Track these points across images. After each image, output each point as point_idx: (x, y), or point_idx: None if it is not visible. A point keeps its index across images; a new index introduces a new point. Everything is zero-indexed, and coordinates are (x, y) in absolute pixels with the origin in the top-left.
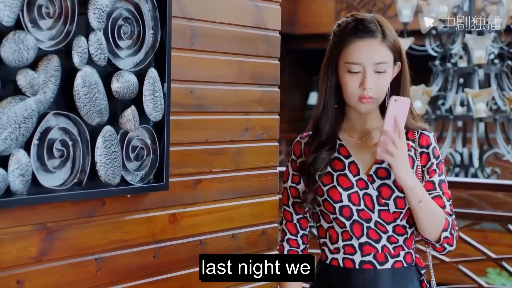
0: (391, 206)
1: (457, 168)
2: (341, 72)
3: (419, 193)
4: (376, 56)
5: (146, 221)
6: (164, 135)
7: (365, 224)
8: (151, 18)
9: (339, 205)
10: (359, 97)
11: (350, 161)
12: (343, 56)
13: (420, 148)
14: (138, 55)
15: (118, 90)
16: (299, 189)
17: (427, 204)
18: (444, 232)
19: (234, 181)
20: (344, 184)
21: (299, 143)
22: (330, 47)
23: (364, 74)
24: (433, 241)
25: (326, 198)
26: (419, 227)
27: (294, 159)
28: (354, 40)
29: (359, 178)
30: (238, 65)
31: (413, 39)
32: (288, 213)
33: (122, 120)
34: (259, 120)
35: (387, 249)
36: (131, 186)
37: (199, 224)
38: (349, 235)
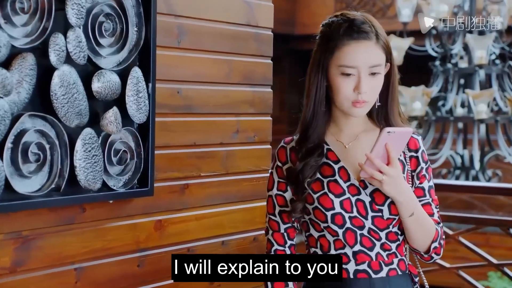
0: (385, 212)
1: (457, 171)
2: (332, 75)
3: (411, 206)
4: (372, 59)
5: (130, 228)
6: (149, 137)
7: (358, 232)
8: (135, 15)
9: (331, 212)
10: (353, 102)
11: (339, 167)
12: (336, 58)
13: (409, 152)
14: (120, 53)
15: (99, 90)
16: (286, 197)
17: (419, 217)
18: (434, 243)
19: (224, 186)
20: (336, 191)
21: (284, 148)
22: (319, 48)
23: (359, 77)
24: (422, 251)
25: (317, 205)
26: (409, 238)
27: (280, 165)
28: (349, 42)
29: (350, 184)
30: (228, 64)
31: (413, 39)
32: (275, 223)
33: (104, 122)
34: (251, 122)
35: (381, 256)
36: (113, 191)
37: (186, 231)
38: (341, 243)
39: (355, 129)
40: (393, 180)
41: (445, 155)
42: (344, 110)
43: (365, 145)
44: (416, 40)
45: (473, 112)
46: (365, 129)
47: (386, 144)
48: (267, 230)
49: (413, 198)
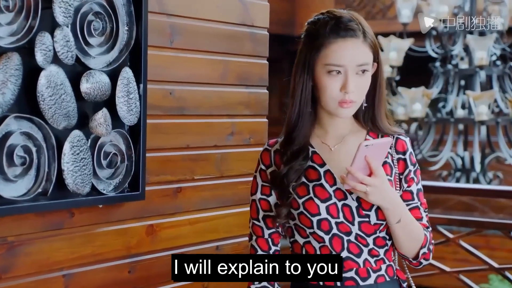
0: (372, 218)
1: (458, 173)
2: (319, 74)
3: (398, 213)
4: (359, 57)
5: (121, 233)
6: (140, 140)
7: (345, 238)
8: (126, 13)
9: (317, 218)
10: (339, 102)
11: (325, 170)
12: (323, 57)
13: (397, 154)
14: (110, 53)
15: (88, 91)
16: (270, 201)
17: (407, 223)
18: (422, 248)
19: (218, 189)
20: (321, 196)
21: (268, 151)
22: (304, 47)
23: (346, 76)
24: (410, 257)
25: (302, 211)
26: (397, 244)
27: (263, 169)
28: (335, 40)
29: (337, 188)
30: (223, 65)
31: (412, 40)
32: (259, 228)
33: (93, 124)
34: (246, 124)
35: (368, 263)
36: (103, 195)
37: (179, 236)
38: (328, 250)
39: (341, 131)
40: (377, 190)
41: (445, 157)
42: (330, 111)
43: (351, 148)
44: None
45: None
46: (352, 131)
47: (365, 156)
48: (250, 235)
49: (400, 204)
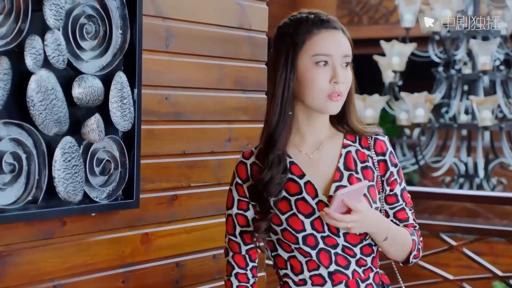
0: None
1: (461, 179)
2: (305, 68)
3: (383, 232)
4: (343, 48)
5: (114, 242)
6: (134, 146)
7: (332, 251)
8: (120, 17)
9: (302, 234)
10: (329, 94)
11: (305, 182)
12: (308, 48)
13: (377, 156)
14: (104, 57)
15: (80, 97)
16: (248, 216)
17: (393, 238)
18: (412, 252)
19: (215, 197)
20: (305, 211)
21: (244, 164)
22: (284, 45)
23: (334, 66)
24: (401, 262)
25: (286, 227)
26: (386, 254)
27: (239, 182)
28: (319, 31)
29: (319, 201)
30: (220, 69)
31: (415, 45)
32: (235, 244)
33: (85, 130)
34: (243, 130)
35: (357, 274)
36: (95, 203)
37: (175, 245)
38: (315, 264)
39: (319, 136)
40: (359, 223)
41: (448, 163)
42: (317, 107)
43: (330, 154)
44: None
45: (477, 119)
46: (328, 135)
47: (343, 200)
48: (226, 251)
49: (384, 224)
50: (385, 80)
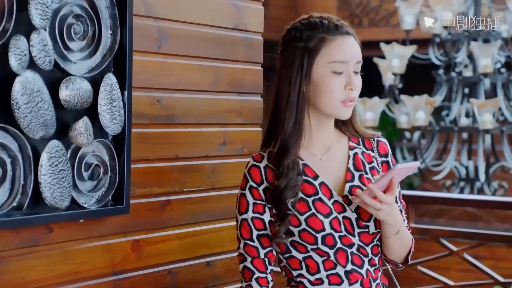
0: (371, 228)
1: (462, 182)
2: (321, 75)
3: (397, 226)
4: (357, 54)
5: (104, 249)
6: (125, 150)
7: (349, 250)
8: (109, 16)
9: (322, 234)
10: (343, 100)
11: (319, 183)
12: (325, 55)
13: (380, 157)
14: (93, 58)
15: (68, 99)
16: (265, 219)
17: (402, 234)
18: (411, 252)
19: (209, 202)
20: (323, 211)
21: (257, 167)
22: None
23: (349, 74)
24: (399, 263)
25: (305, 228)
26: (388, 252)
27: (254, 186)
28: (335, 38)
29: (335, 201)
30: (214, 71)
31: (415, 47)
32: (253, 248)
33: (73, 133)
34: (239, 133)
35: (370, 273)
36: (84, 209)
37: (167, 251)
38: (332, 263)
39: (327, 139)
40: (389, 208)
41: (449, 166)
42: (331, 112)
43: (339, 156)
44: (420, 48)
45: (478, 122)
46: (335, 138)
47: (393, 177)
48: (243, 257)
49: (400, 218)
50: (385, 82)
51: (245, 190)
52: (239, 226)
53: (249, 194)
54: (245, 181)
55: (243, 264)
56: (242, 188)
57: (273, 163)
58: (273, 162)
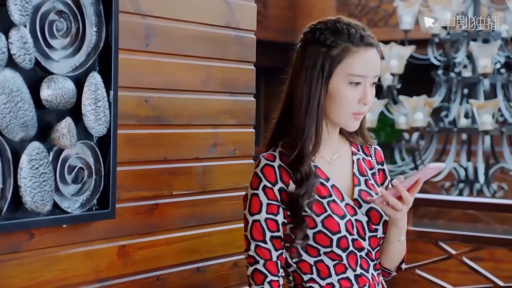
0: (379, 232)
1: (461, 184)
2: (338, 85)
3: (403, 231)
4: (377, 68)
5: (88, 256)
6: (110, 152)
7: (358, 254)
8: (94, 13)
9: (337, 236)
10: (354, 113)
11: (331, 185)
12: (346, 66)
13: (377, 164)
14: (76, 56)
15: (50, 99)
16: (278, 220)
17: (403, 240)
18: (404, 259)
19: (200, 206)
20: (339, 212)
21: (271, 166)
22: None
23: (365, 88)
24: (393, 271)
25: (321, 229)
26: (387, 259)
27: (269, 186)
28: (359, 49)
29: (346, 204)
30: (205, 70)
31: (414, 47)
32: (266, 251)
33: (55, 135)
34: (230, 134)
35: (374, 277)
36: (67, 214)
37: (155, 257)
38: (343, 267)
39: (334, 143)
40: (407, 209)
41: (448, 168)
42: (340, 122)
43: (345, 160)
44: (419, 48)
45: (477, 123)
46: (340, 143)
47: (420, 177)
48: (253, 260)
49: (406, 222)
50: (384, 83)
51: (258, 190)
52: (250, 227)
53: (262, 194)
54: (258, 181)
55: (254, 266)
56: (254, 188)
57: (289, 166)
58: (289, 165)
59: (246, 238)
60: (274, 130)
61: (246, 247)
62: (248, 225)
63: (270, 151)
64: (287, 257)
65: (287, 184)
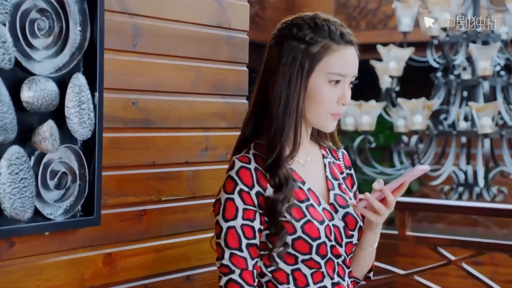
0: (355, 238)
1: (460, 188)
2: (316, 83)
3: (378, 237)
4: (356, 68)
5: (72, 264)
6: (95, 156)
7: (336, 261)
8: (78, 12)
9: (317, 242)
10: (333, 114)
11: (307, 188)
12: (326, 64)
13: (346, 169)
14: (59, 57)
15: (31, 101)
16: (255, 226)
17: (375, 248)
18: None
19: (190, 212)
20: (317, 217)
21: (248, 169)
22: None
23: (344, 87)
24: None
25: (301, 235)
26: (357, 267)
27: (246, 190)
28: (339, 47)
29: (323, 208)
30: (195, 71)
31: (413, 49)
32: (242, 259)
33: (36, 138)
34: (222, 138)
35: (349, 285)
36: (49, 221)
37: (143, 265)
38: (321, 275)
39: (307, 145)
40: (388, 214)
41: (447, 171)
42: (317, 123)
43: (317, 163)
44: (417, 51)
45: (477, 126)
46: (311, 146)
47: (406, 180)
48: (228, 269)
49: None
50: (382, 85)
51: (233, 194)
52: (225, 234)
53: (238, 198)
54: (233, 184)
55: (228, 277)
56: (228, 192)
57: (266, 169)
58: (266, 168)
59: (219, 246)
60: (244, 131)
61: (219, 255)
62: (222, 232)
63: (243, 153)
64: (261, 266)
65: (265, 188)
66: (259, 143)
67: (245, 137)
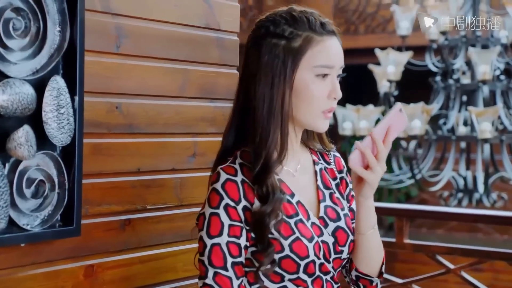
0: (345, 253)
1: (460, 193)
2: (303, 80)
3: (375, 215)
4: (342, 58)
5: (50, 277)
6: (75, 163)
7: (324, 278)
8: (57, 11)
9: (305, 261)
10: (324, 111)
11: (296, 202)
12: (310, 58)
13: (338, 173)
14: (37, 58)
15: (5, 105)
16: (241, 244)
17: (377, 230)
18: (383, 265)
19: (177, 221)
20: (307, 234)
21: (234, 182)
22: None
23: (333, 79)
24: (374, 275)
25: (288, 254)
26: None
27: (232, 205)
28: (322, 38)
29: (312, 223)
30: (182, 75)
31: (411, 53)
32: (227, 279)
33: (11, 144)
34: (210, 144)
35: None
36: (26, 232)
37: (127, 277)
38: None
39: (297, 152)
40: (383, 172)
41: (446, 177)
42: (308, 123)
43: (308, 171)
44: (416, 55)
45: (476, 131)
46: (301, 151)
47: (390, 125)
48: None
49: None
50: (380, 90)
51: (219, 209)
52: (209, 252)
53: (224, 213)
54: (218, 198)
55: None
56: (213, 206)
57: (253, 179)
58: (253, 178)
59: (202, 263)
60: (225, 142)
61: (202, 274)
62: (205, 249)
63: (228, 163)
64: (245, 284)
65: (252, 202)
66: (245, 151)
67: (226, 149)
